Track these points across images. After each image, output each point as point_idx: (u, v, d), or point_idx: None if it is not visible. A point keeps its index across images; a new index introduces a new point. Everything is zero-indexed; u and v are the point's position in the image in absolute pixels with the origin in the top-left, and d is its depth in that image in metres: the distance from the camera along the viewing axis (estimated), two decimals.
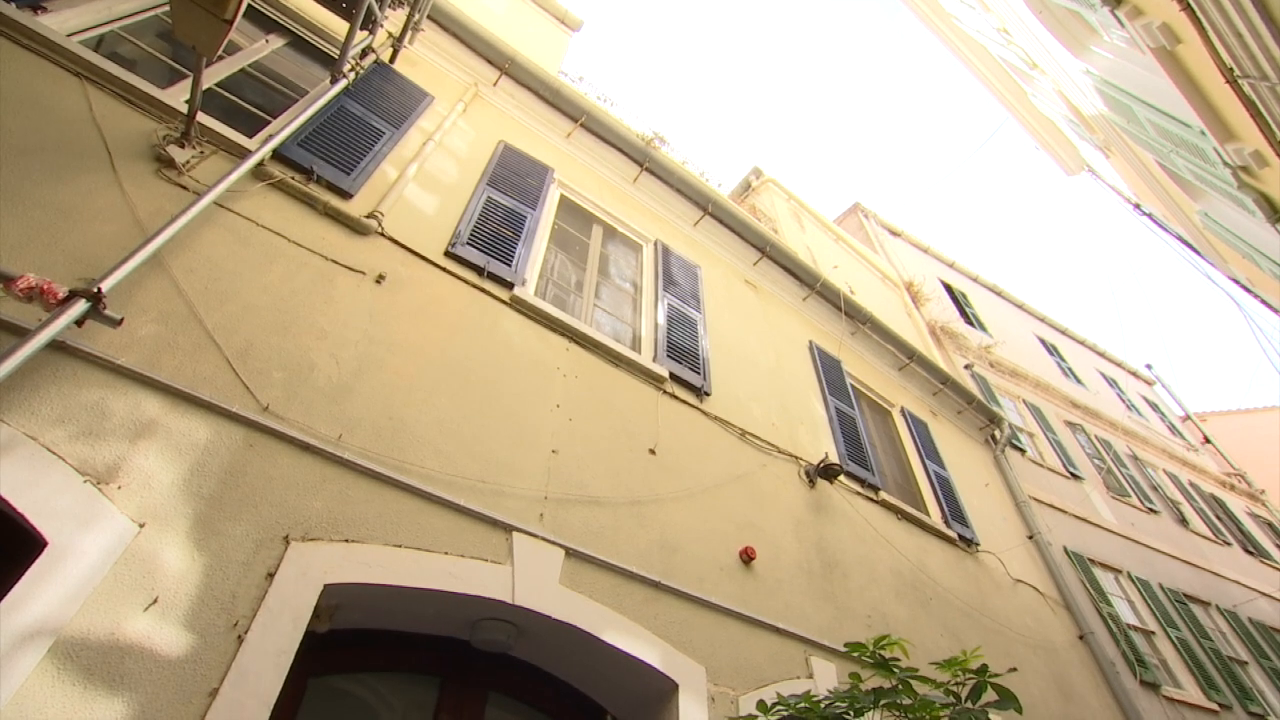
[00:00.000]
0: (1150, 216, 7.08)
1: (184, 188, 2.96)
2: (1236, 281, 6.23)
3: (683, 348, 4.67)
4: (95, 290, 2.16)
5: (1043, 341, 13.49)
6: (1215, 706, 6.68)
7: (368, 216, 3.51)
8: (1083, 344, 15.02)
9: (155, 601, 2.00)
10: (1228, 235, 5.00)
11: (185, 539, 2.14)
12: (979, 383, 9.44)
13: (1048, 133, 8.65)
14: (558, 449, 3.40)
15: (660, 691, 2.94)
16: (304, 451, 2.56)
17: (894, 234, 13.00)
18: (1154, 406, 14.71)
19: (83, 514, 2.00)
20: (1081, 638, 6.18)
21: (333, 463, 2.60)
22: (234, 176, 2.98)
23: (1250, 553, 10.89)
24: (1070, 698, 5.33)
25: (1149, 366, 16.09)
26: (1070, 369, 13.10)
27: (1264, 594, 9.74)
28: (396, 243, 3.60)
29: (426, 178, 4.15)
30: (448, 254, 3.79)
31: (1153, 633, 7.28)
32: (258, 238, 3.06)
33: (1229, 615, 8.57)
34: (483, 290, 3.80)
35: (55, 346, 2.19)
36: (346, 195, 3.54)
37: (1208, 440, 14.33)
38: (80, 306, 2.14)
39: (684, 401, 4.36)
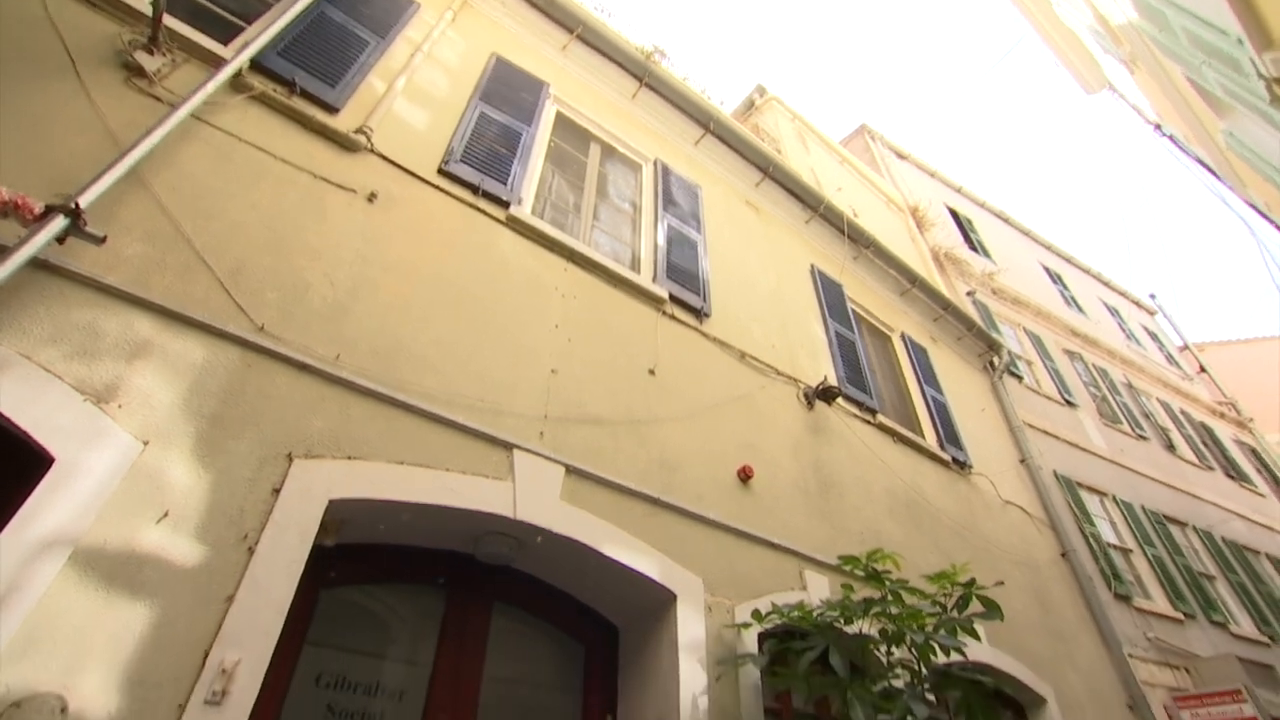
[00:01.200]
0: (1171, 138, 6.80)
1: (157, 99, 2.81)
2: (1253, 207, 6.06)
3: (682, 269, 4.61)
4: (73, 205, 2.09)
5: (1047, 269, 13.34)
6: (1180, 616, 7.05)
7: (356, 132, 3.36)
8: (1087, 272, 14.87)
9: (166, 515, 2.05)
10: (1251, 156, 4.81)
11: (190, 456, 2.17)
12: (980, 310, 9.39)
13: (1070, 46, 8.18)
14: (557, 369, 3.40)
15: (659, 601, 3.06)
16: (302, 371, 2.56)
17: (901, 157, 12.58)
18: (1153, 336, 14.73)
19: (86, 432, 2.02)
20: (1064, 555, 6.43)
21: (331, 382, 2.60)
22: (211, 87, 2.82)
23: (1231, 477, 11.20)
24: (1049, 609, 5.61)
25: (1152, 296, 16.00)
26: (1073, 297, 13.02)
27: (1239, 515, 10.08)
28: (387, 160, 3.46)
29: (416, 91, 3.95)
30: (441, 172, 3.66)
31: (1130, 550, 7.59)
32: (241, 154, 2.94)
33: (1204, 535, 8.91)
34: (478, 209, 3.69)
35: (39, 265, 2.14)
36: (332, 109, 3.37)
37: (1203, 370, 14.45)
38: (59, 222, 2.07)
39: (683, 323, 4.34)
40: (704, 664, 2.92)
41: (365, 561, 2.76)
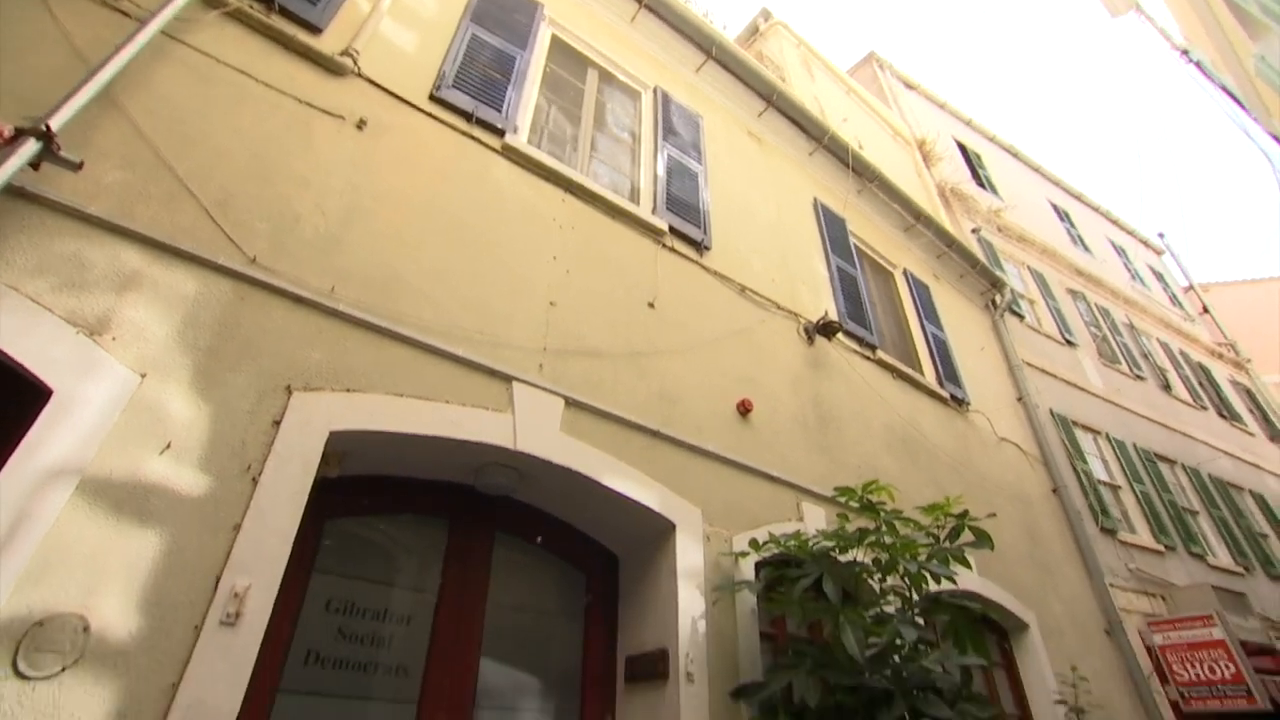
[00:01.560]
0: (1198, 65, 6.50)
1: (125, 14, 2.65)
2: (1277, 139, 5.85)
3: (683, 201, 4.49)
4: (44, 128, 1.99)
5: (1055, 207, 13.06)
6: (1162, 548, 7.28)
7: (341, 54, 3.19)
8: (1096, 210, 14.57)
9: (169, 447, 2.06)
10: None
11: (188, 389, 2.16)
12: (985, 247, 9.24)
13: None
14: (555, 301, 3.36)
15: (658, 531, 3.13)
16: (297, 304, 2.52)
17: (909, 87, 12.09)
18: (1159, 276, 14.59)
19: (82, 364, 2.00)
20: (1055, 491, 6.58)
21: (327, 315, 2.57)
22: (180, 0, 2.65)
23: (1223, 417, 11.34)
24: (1037, 542, 5.77)
25: (1161, 235, 15.75)
26: (1079, 236, 12.81)
27: (1227, 453, 10.27)
28: (375, 84, 3.31)
29: (403, 11, 3.73)
30: (432, 98, 3.51)
31: (1119, 487, 7.75)
32: (220, 76, 2.80)
33: (1191, 472, 9.09)
34: (472, 137, 3.55)
35: (15, 193, 2.07)
36: (315, 29, 3.19)
37: (1206, 310, 14.39)
38: (31, 146, 1.99)
39: (683, 255, 4.27)
40: (702, 590, 3.01)
41: (369, 493, 2.80)
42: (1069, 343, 9.07)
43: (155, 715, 1.77)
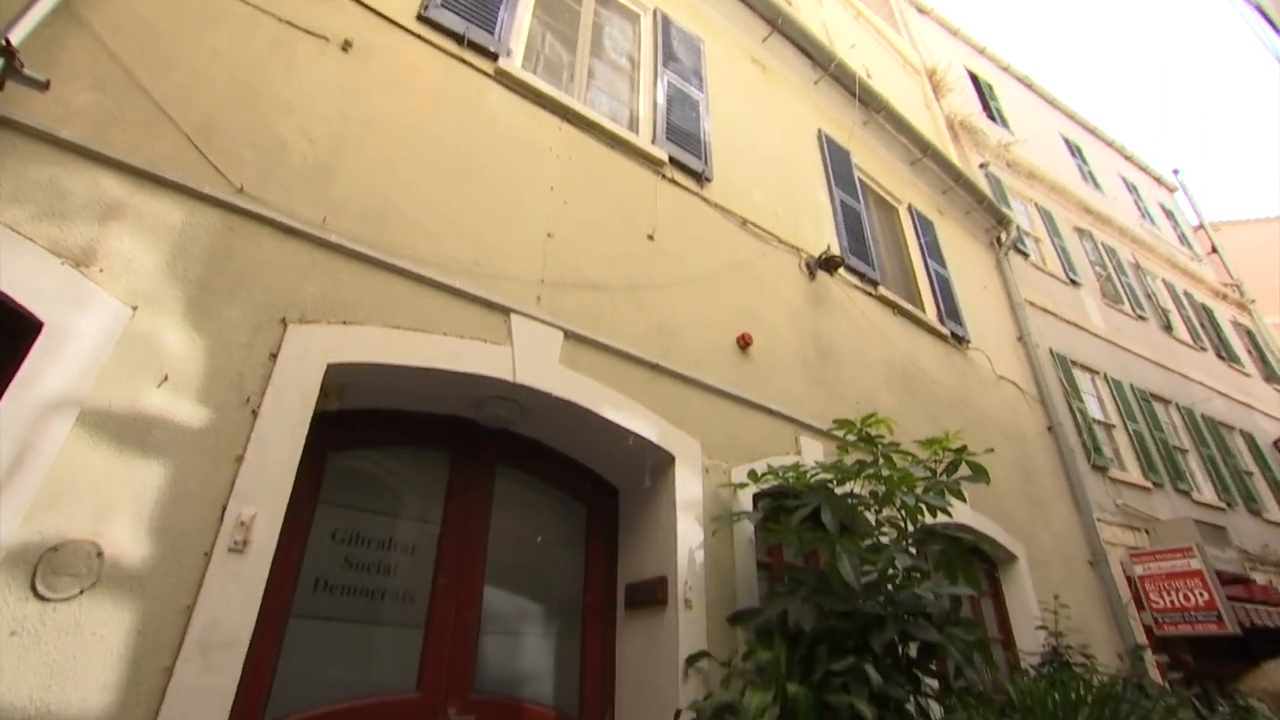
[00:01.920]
0: None
1: None
2: None
3: (683, 130, 4.34)
4: (4, 42, 1.88)
5: (1067, 141, 12.66)
6: (1150, 485, 7.44)
7: None
8: (1109, 145, 14.14)
9: (166, 379, 2.05)
10: None
11: (182, 321, 2.13)
12: (992, 183, 9.01)
13: None
14: (553, 232, 3.29)
15: (657, 463, 3.17)
16: (288, 235, 2.46)
17: (922, 12, 11.50)
18: (1169, 214, 14.30)
19: (70, 296, 1.96)
20: (1050, 429, 6.65)
21: (320, 247, 2.51)
22: None
23: (1222, 358, 11.37)
24: (1030, 478, 5.89)
25: (1175, 172, 15.33)
26: (1090, 172, 12.47)
27: (1222, 394, 10.35)
28: (360, 2, 3.12)
29: None
30: (421, 18, 3.32)
31: (1113, 426, 7.85)
32: None
33: (1185, 412, 9.19)
34: (463, 61, 3.39)
35: None
36: None
37: (1214, 250, 14.19)
38: None
39: (684, 187, 4.16)
40: (700, 521, 3.08)
41: (370, 427, 2.82)
42: (1073, 282, 8.99)
43: (174, 635, 1.83)
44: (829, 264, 4.68)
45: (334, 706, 2.36)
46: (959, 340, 5.97)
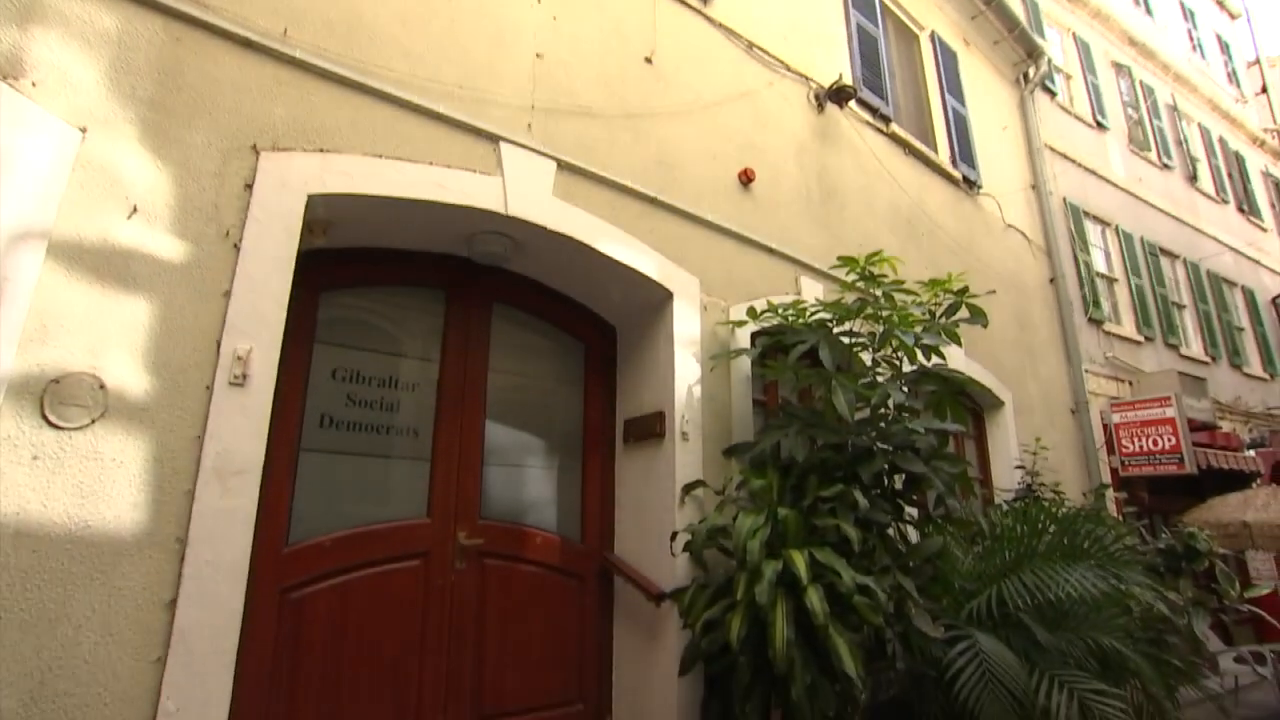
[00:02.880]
0: None
1: None
2: None
3: None
4: None
5: None
6: (1141, 339, 7.54)
7: None
8: None
9: (135, 211, 1.96)
10: None
11: (141, 147, 1.98)
12: (1027, 7, 8.08)
13: None
14: (542, 53, 2.99)
15: (655, 300, 3.14)
16: (246, 49, 2.22)
17: None
18: (1224, 47, 13.00)
19: (5, 113, 1.78)
20: (1052, 280, 6.59)
21: (284, 64, 2.29)
22: None
23: (1242, 211, 11.01)
24: (1025, 328, 5.93)
25: None
26: None
27: (1233, 249, 10.16)
28: None
29: None
30: None
31: (1116, 280, 7.78)
32: None
33: (1191, 267, 9.08)
34: None
35: None
36: None
37: (1264, 90, 13.11)
38: None
39: (685, 3, 3.75)
40: (698, 358, 3.11)
41: (362, 265, 2.76)
42: (1099, 125, 8.43)
43: (189, 463, 1.91)
44: (839, 95, 4.34)
45: (352, 531, 2.53)
46: (970, 185, 5.71)
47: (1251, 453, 7.73)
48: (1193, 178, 10.00)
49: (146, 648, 1.77)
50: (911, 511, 3.14)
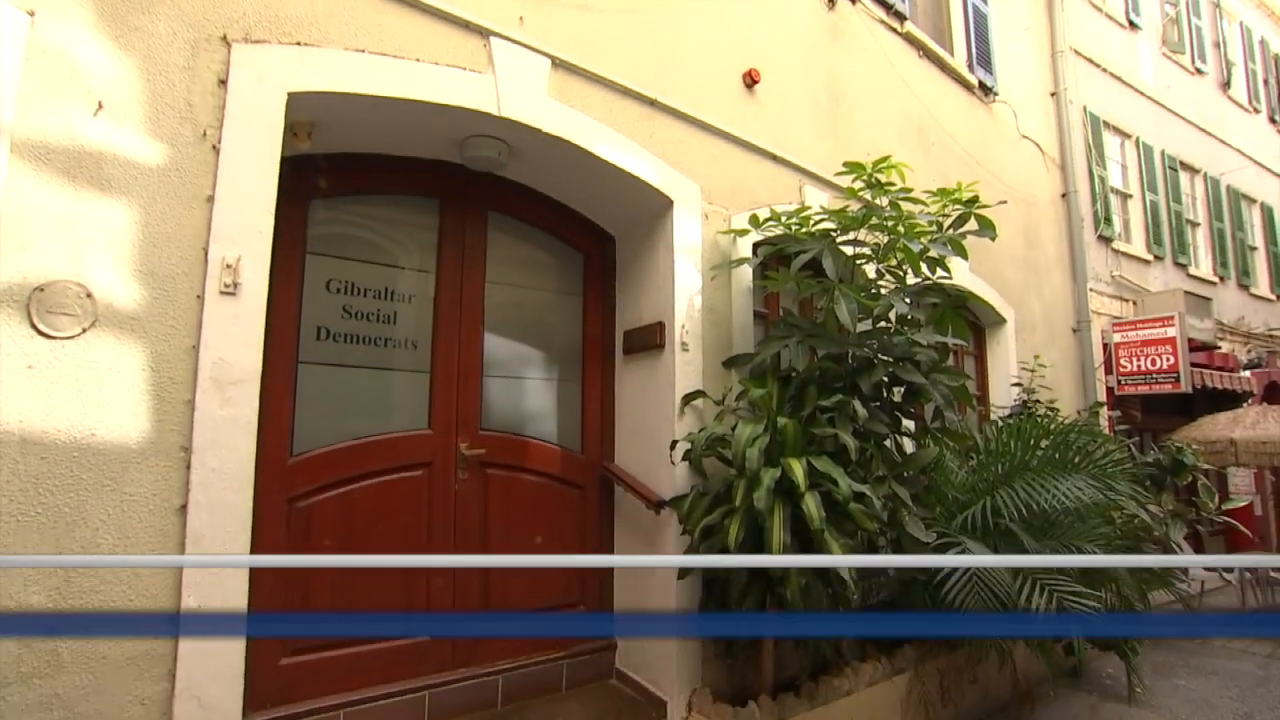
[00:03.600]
0: None
1: None
2: None
3: None
4: None
5: None
6: (1150, 258, 7.39)
7: None
8: None
9: (101, 107, 1.85)
10: None
11: (99, 34, 1.86)
12: None
13: None
14: None
15: (655, 208, 3.04)
16: None
17: None
18: None
19: None
20: (1064, 196, 6.39)
21: None
22: None
23: (1274, 122, 10.51)
24: (1033, 245, 5.80)
25: None
26: None
27: (1257, 163, 9.79)
28: None
29: None
30: None
31: (1130, 196, 7.54)
32: None
33: (1211, 182, 8.77)
34: None
35: None
36: None
37: None
38: None
39: None
40: (699, 268, 3.04)
41: (351, 173, 2.66)
42: (1131, 25, 7.89)
43: (187, 373, 1.91)
44: None
45: (355, 442, 2.56)
46: (986, 91, 5.42)
47: (1247, 373, 7.78)
48: (1226, 84, 9.47)
49: (162, 550, 1.83)
50: (909, 425, 3.17)
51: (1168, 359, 6.27)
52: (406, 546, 2.60)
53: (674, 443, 2.77)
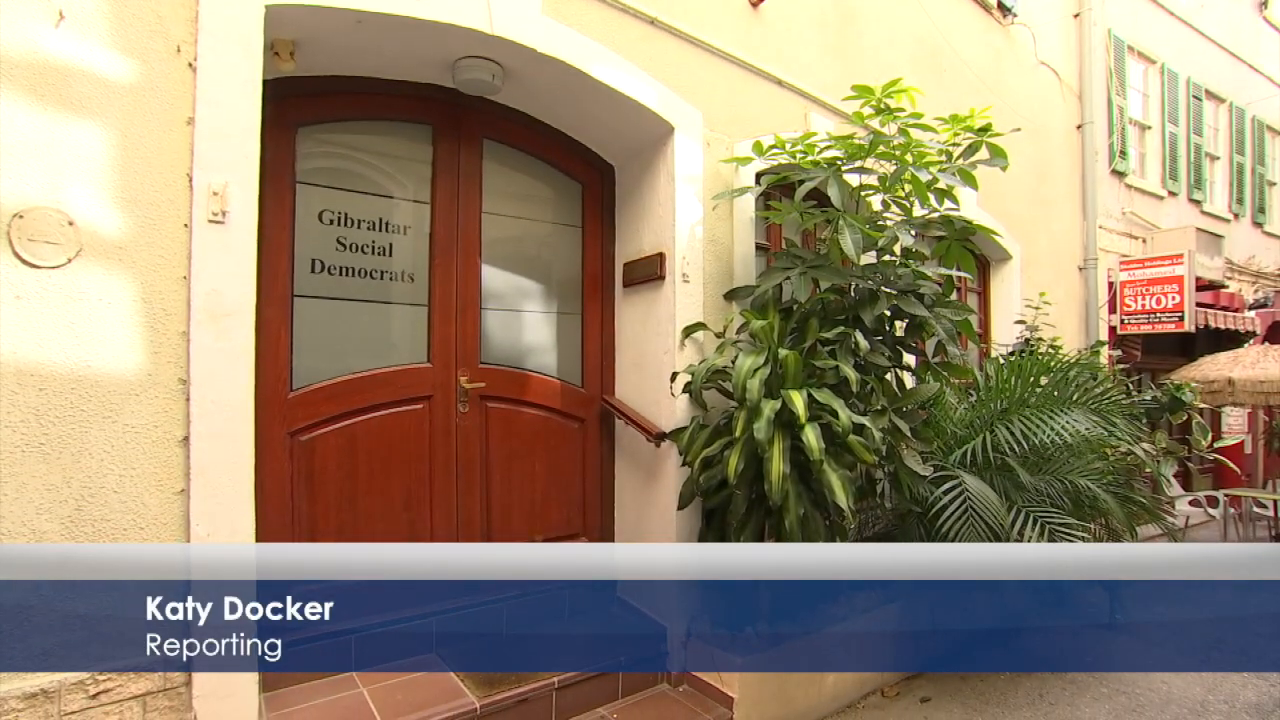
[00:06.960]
0: None
1: None
2: None
3: None
4: None
5: None
6: (1165, 194, 7.18)
7: None
8: None
9: (62, 17, 1.76)
10: None
11: None
12: None
13: None
14: None
15: (655, 135, 2.94)
16: None
17: None
18: None
19: None
20: (1079, 127, 6.15)
21: None
22: None
23: None
24: (1044, 179, 5.63)
25: None
26: None
27: None
28: None
29: None
30: None
31: (1149, 127, 7.25)
32: None
33: (1236, 113, 8.43)
34: None
35: None
36: None
37: None
38: None
39: None
40: (700, 198, 2.96)
41: (339, 98, 2.56)
42: None
43: (179, 304, 1.90)
44: None
45: (354, 376, 2.56)
46: (1004, 11, 5.13)
47: (1252, 314, 7.71)
48: (1263, 3, 8.95)
49: (169, 480, 1.86)
50: (910, 360, 3.16)
51: (1173, 298, 6.18)
52: (409, 480, 2.63)
53: (674, 375, 2.77)
